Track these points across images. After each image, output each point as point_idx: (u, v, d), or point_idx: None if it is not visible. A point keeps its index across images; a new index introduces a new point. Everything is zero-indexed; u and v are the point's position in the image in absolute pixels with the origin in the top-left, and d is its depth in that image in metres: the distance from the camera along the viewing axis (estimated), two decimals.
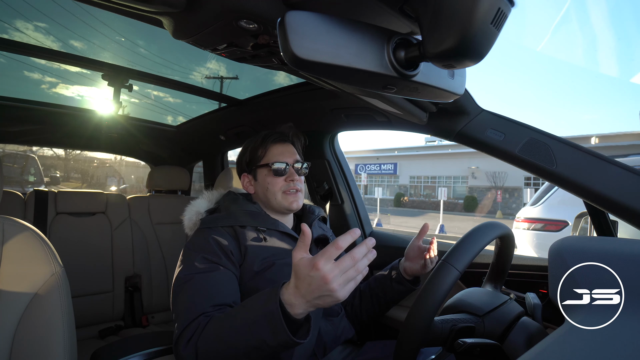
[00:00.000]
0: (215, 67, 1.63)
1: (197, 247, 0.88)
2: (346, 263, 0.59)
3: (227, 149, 2.13)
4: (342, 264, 0.59)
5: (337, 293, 0.58)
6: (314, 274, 0.58)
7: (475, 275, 1.09)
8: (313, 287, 0.59)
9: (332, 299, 0.59)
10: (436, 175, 23.17)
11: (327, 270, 0.58)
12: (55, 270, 0.67)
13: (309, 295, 0.60)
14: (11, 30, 1.28)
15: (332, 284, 0.58)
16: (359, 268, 0.60)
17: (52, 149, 16.63)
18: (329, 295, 0.59)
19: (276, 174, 0.99)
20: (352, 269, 0.59)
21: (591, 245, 0.50)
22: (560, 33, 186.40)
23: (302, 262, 0.60)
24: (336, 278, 0.58)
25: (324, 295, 0.59)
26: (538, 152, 0.81)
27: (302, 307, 0.62)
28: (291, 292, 0.62)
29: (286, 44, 0.41)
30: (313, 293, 0.59)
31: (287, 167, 1.00)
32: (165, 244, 1.81)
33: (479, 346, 0.63)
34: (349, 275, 0.59)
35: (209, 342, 0.70)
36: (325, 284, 0.58)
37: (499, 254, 0.81)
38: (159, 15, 0.58)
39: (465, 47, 0.39)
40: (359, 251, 0.60)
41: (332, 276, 0.58)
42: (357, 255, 0.59)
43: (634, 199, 0.70)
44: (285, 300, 0.63)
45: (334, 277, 0.58)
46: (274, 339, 0.63)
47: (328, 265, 0.58)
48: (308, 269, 0.59)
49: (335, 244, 0.59)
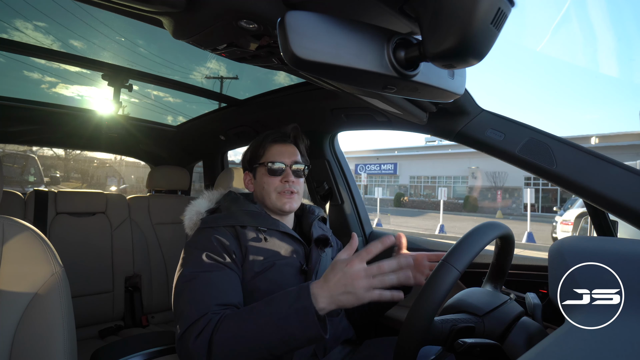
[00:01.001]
0: (215, 67, 1.63)
1: (199, 245, 0.88)
2: (373, 270, 0.66)
3: (227, 149, 2.13)
4: (370, 270, 0.66)
5: (360, 292, 0.64)
6: (347, 269, 0.66)
7: (475, 275, 1.09)
8: (342, 282, 0.65)
9: (354, 297, 0.65)
10: (436, 175, 23.17)
11: (359, 269, 0.65)
12: (55, 270, 0.67)
13: (335, 289, 0.65)
14: (11, 29, 1.28)
15: (359, 282, 0.64)
16: (384, 280, 0.66)
17: (52, 149, 16.65)
18: (353, 293, 0.65)
19: (272, 173, 0.99)
20: (378, 278, 0.66)
21: (591, 245, 0.50)
22: (560, 33, 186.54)
23: (340, 257, 0.68)
24: (363, 279, 0.65)
25: (348, 292, 0.65)
26: (538, 152, 0.81)
27: (325, 301, 0.66)
28: (319, 284, 0.68)
29: (286, 44, 0.41)
30: (339, 287, 0.65)
31: (284, 168, 0.99)
32: (165, 244, 1.81)
33: (479, 346, 0.63)
34: (373, 282, 0.65)
35: (227, 338, 0.69)
36: (353, 281, 0.64)
37: (499, 254, 0.81)
38: (159, 15, 0.58)
39: (465, 47, 0.39)
40: (387, 264, 0.67)
41: (361, 276, 0.65)
42: (384, 267, 0.67)
43: (634, 199, 0.70)
44: (312, 292, 0.67)
45: (362, 278, 0.65)
46: (303, 334, 0.66)
47: (361, 265, 0.66)
48: (344, 264, 0.66)
49: (367, 248, 0.67)
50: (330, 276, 0.67)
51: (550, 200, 19.29)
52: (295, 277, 0.95)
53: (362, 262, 0.66)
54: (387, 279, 0.66)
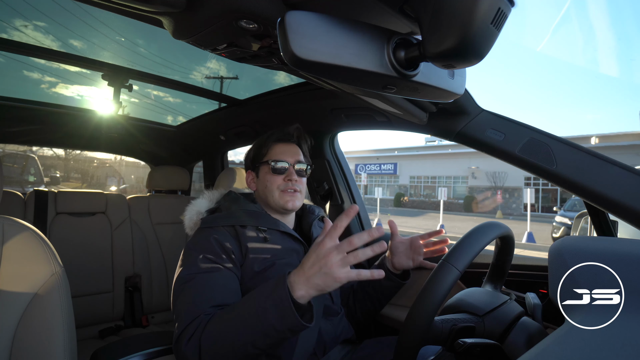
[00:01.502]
0: (215, 67, 1.63)
1: (198, 247, 0.88)
2: (343, 246, 0.64)
3: (227, 149, 2.13)
4: (341, 246, 0.64)
5: (335, 271, 0.63)
6: (319, 250, 0.65)
7: (475, 275, 1.09)
8: (316, 264, 0.64)
9: (331, 278, 0.63)
10: (436, 175, 23.16)
11: (330, 247, 0.64)
12: (55, 270, 0.67)
13: (310, 272, 0.64)
14: (10, 29, 1.28)
15: (330, 260, 0.63)
16: (357, 255, 0.63)
17: (52, 149, 16.65)
18: (328, 274, 0.63)
19: (275, 172, 0.99)
20: (351, 254, 0.64)
21: (591, 245, 0.50)
22: (560, 33, 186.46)
23: (315, 242, 0.67)
24: (334, 256, 0.63)
25: (324, 274, 0.63)
26: (538, 152, 0.81)
27: (303, 287, 0.65)
28: (296, 272, 0.67)
29: (286, 44, 0.41)
30: (314, 269, 0.64)
31: (287, 167, 1.00)
32: (165, 244, 1.81)
33: (479, 346, 0.63)
34: (347, 259, 0.63)
35: (213, 336, 0.70)
36: (325, 260, 0.63)
37: (499, 254, 0.81)
38: (159, 15, 0.58)
39: (465, 47, 0.39)
40: (357, 237, 0.64)
41: (332, 254, 0.63)
42: (355, 241, 0.64)
43: (634, 199, 0.70)
44: (290, 282, 0.66)
45: (333, 256, 0.63)
46: (282, 324, 0.65)
47: (331, 244, 0.64)
48: (316, 246, 0.66)
49: (335, 224, 0.65)
50: (305, 261, 0.66)
51: (550, 200, 19.30)
52: None
53: (333, 240, 0.65)
54: (360, 253, 0.64)
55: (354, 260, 0.63)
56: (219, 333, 0.70)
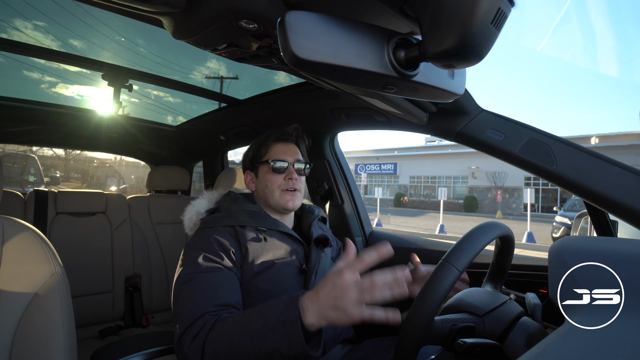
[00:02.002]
0: (215, 67, 1.63)
1: (198, 246, 0.88)
2: (365, 284, 0.59)
3: (227, 149, 2.13)
4: (362, 284, 0.59)
5: (349, 308, 0.58)
6: (337, 281, 0.60)
7: (475, 275, 1.09)
8: (331, 294, 0.60)
9: (344, 315, 0.59)
10: (436, 175, 23.16)
11: (349, 281, 0.59)
12: (55, 270, 0.67)
13: (324, 303, 0.60)
14: (10, 29, 1.28)
15: (347, 296, 0.58)
16: (374, 295, 0.58)
17: (52, 149, 16.64)
18: (342, 310, 0.59)
19: (275, 171, 0.99)
20: (368, 292, 0.59)
21: (591, 245, 0.50)
22: (560, 33, 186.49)
23: (335, 268, 0.62)
24: (352, 293, 0.58)
25: (337, 308, 0.59)
26: (538, 152, 0.81)
27: (314, 316, 0.61)
28: (310, 297, 0.63)
29: (286, 44, 0.41)
30: (329, 301, 0.60)
31: (286, 166, 1.00)
32: (165, 244, 1.81)
33: (479, 346, 0.63)
34: (363, 296, 0.59)
35: (219, 343, 0.69)
36: (342, 294, 0.59)
37: (499, 254, 0.81)
38: (159, 15, 0.58)
39: (465, 47, 0.39)
40: (381, 277, 0.59)
41: (351, 290, 0.58)
42: (377, 281, 0.59)
43: (634, 199, 0.70)
44: (302, 305, 0.63)
45: (351, 292, 0.58)
46: (288, 349, 0.62)
47: (352, 277, 0.59)
48: (335, 275, 0.61)
49: (362, 258, 0.60)
50: (321, 288, 0.62)
51: (550, 200, 19.30)
52: (295, 277, 0.95)
53: (354, 273, 0.59)
54: (378, 294, 0.58)
55: (369, 300, 0.59)
56: (225, 341, 0.68)
